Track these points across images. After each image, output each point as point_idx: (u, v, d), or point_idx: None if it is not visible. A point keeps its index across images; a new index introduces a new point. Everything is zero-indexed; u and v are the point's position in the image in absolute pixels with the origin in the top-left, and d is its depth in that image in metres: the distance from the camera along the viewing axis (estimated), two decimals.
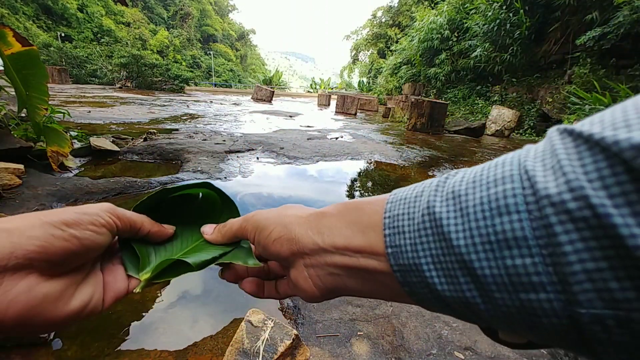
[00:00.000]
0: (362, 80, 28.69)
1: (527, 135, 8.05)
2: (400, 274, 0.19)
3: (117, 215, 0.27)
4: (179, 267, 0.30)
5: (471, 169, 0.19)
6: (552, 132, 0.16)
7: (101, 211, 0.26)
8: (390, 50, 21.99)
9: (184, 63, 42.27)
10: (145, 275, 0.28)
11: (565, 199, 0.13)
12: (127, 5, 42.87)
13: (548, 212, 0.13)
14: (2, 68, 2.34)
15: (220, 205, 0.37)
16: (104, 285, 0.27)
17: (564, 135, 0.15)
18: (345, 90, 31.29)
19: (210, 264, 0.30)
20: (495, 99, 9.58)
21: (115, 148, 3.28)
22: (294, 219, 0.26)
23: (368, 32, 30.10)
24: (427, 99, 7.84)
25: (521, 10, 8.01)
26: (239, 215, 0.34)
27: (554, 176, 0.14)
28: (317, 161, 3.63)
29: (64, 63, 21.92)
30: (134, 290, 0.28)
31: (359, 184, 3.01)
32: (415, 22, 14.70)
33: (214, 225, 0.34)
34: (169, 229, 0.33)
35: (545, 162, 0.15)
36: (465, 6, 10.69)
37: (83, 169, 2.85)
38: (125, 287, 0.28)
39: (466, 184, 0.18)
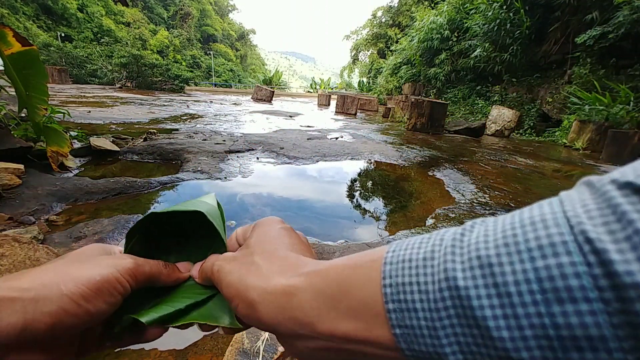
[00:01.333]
0: (362, 80, 28.69)
1: (527, 135, 8.05)
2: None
3: (136, 277, 0.25)
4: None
5: (495, 224, 0.15)
6: (604, 185, 0.13)
7: (121, 274, 0.24)
8: (390, 50, 22.00)
9: (184, 63, 42.28)
10: (146, 319, 0.26)
11: None
12: (127, 5, 42.89)
13: (637, 307, 0.10)
14: (2, 68, 2.34)
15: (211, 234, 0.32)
16: (85, 337, 0.25)
17: (626, 192, 0.12)
18: (345, 90, 31.29)
19: (170, 322, 0.26)
20: (495, 99, 9.58)
21: (115, 148, 3.28)
22: (256, 294, 0.21)
23: (368, 32, 30.10)
24: (427, 99, 7.84)
25: (521, 10, 8.01)
26: (224, 248, 0.30)
27: (634, 254, 0.10)
28: (317, 161, 3.63)
29: (64, 63, 21.93)
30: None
31: (359, 184, 3.01)
32: (415, 22, 14.71)
33: (199, 264, 0.30)
34: (184, 270, 0.30)
35: (610, 227, 0.11)
36: (465, 6, 10.69)
37: (83, 169, 2.85)
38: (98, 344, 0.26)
39: (495, 246, 0.14)
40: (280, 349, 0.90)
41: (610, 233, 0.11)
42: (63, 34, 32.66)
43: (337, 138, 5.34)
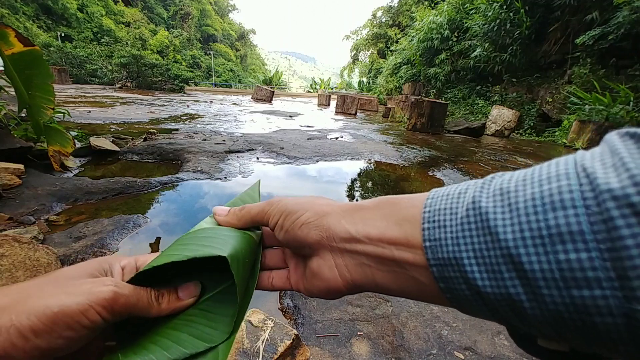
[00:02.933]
0: (362, 80, 28.69)
1: (527, 135, 8.05)
2: (437, 268, 0.19)
3: (113, 309, 0.22)
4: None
5: (519, 171, 0.19)
6: (611, 136, 0.16)
7: (92, 305, 0.20)
8: (390, 50, 22.00)
9: (184, 63, 42.28)
10: None
11: (629, 192, 0.13)
12: (130, 5, 42.89)
13: (609, 205, 0.13)
14: (2, 68, 2.34)
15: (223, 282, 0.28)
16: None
17: (625, 138, 0.15)
18: (345, 90, 31.28)
19: None
20: (495, 99, 9.58)
21: (115, 148, 3.28)
22: (326, 208, 0.26)
23: (368, 32, 30.10)
24: (427, 99, 7.84)
25: (521, 10, 8.01)
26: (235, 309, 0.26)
27: (615, 172, 0.14)
28: (317, 161, 3.63)
29: (64, 63, 21.93)
30: None
31: (359, 184, 3.01)
32: (415, 22, 14.71)
33: (227, 208, 0.31)
34: (187, 296, 0.26)
35: (604, 161, 0.15)
36: (465, 6, 10.69)
37: (83, 169, 2.85)
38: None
39: (515, 182, 0.17)
40: (280, 349, 0.90)
41: (602, 164, 0.15)
42: (63, 34, 32.66)
43: (337, 138, 5.34)
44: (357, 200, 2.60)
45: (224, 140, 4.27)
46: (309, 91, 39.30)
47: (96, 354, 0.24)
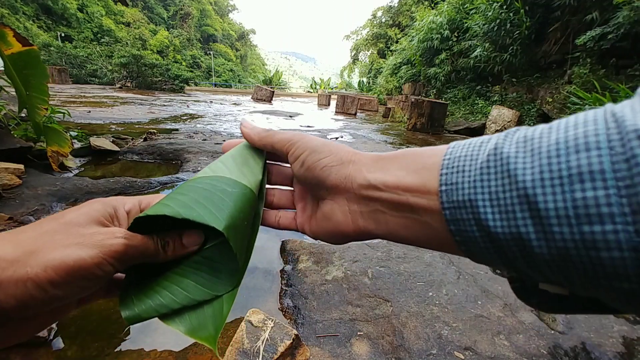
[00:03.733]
0: (362, 80, 28.68)
1: None
2: (449, 211, 0.19)
3: (124, 260, 0.23)
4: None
5: (545, 124, 0.18)
6: None
7: (105, 257, 0.21)
8: (390, 50, 21.99)
9: (184, 63, 42.27)
10: (126, 314, 0.23)
11: None
12: (127, 5, 42.87)
13: (633, 144, 0.13)
14: (2, 68, 2.34)
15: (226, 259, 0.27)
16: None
17: None
18: (345, 90, 31.28)
19: (154, 317, 0.24)
20: (495, 99, 9.57)
21: (115, 148, 3.28)
22: (351, 156, 0.26)
23: (368, 32, 30.09)
24: (427, 99, 7.84)
25: (521, 10, 8.01)
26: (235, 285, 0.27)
27: None
28: None
29: (64, 63, 21.94)
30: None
31: None
32: (415, 22, 14.70)
33: (254, 125, 0.33)
34: (191, 244, 0.26)
35: (635, 107, 0.14)
36: (465, 6, 10.69)
37: (83, 169, 2.85)
38: (107, 293, 0.26)
39: (540, 130, 0.17)
40: (280, 349, 0.90)
41: (632, 110, 0.14)
42: (63, 34, 32.66)
43: (337, 138, 5.34)
44: None
45: (224, 140, 4.27)
46: (309, 91, 39.30)
47: (102, 291, 0.26)
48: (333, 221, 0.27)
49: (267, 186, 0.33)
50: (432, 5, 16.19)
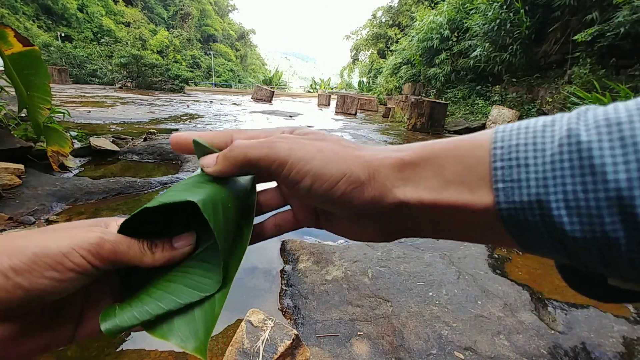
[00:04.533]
0: (362, 80, 28.68)
1: None
2: (507, 212, 0.16)
3: (100, 255, 0.21)
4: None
5: (626, 101, 0.15)
6: None
7: (75, 249, 0.20)
8: (390, 50, 21.99)
9: (184, 63, 42.27)
10: (105, 326, 0.22)
11: None
12: (131, 4, 42.89)
13: None
14: (2, 68, 2.34)
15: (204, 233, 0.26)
16: (82, 318, 0.24)
17: None
18: (345, 90, 31.28)
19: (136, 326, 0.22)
20: (495, 99, 9.57)
21: (115, 148, 3.28)
22: (365, 169, 0.21)
23: (368, 32, 30.09)
24: (427, 99, 7.84)
25: (521, 10, 8.01)
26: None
27: None
28: None
29: (64, 63, 21.94)
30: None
31: None
32: (415, 22, 14.70)
33: (215, 155, 0.25)
34: (182, 245, 0.25)
35: None
36: (465, 6, 10.69)
37: (83, 169, 2.85)
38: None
39: (627, 111, 0.14)
40: (280, 349, 0.90)
41: None
42: (63, 34, 32.67)
43: None
44: None
45: None
46: (309, 91, 39.30)
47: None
48: (352, 232, 0.24)
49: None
50: (432, 5, 16.20)
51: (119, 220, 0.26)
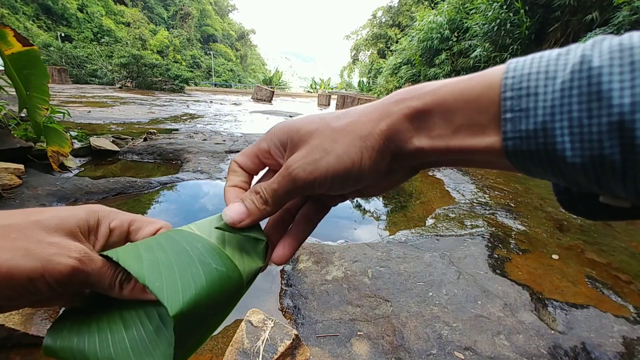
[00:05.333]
0: (362, 80, 28.68)
1: None
2: (513, 142, 0.16)
3: (68, 283, 0.20)
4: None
5: None
6: None
7: (44, 275, 0.19)
8: (390, 51, 21.99)
9: (184, 63, 42.30)
10: (47, 341, 0.21)
11: None
12: (124, 4, 42.88)
13: None
14: (2, 68, 2.34)
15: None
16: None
17: None
18: (345, 90, 31.28)
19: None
20: None
21: (115, 148, 3.28)
22: (368, 125, 0.21)
23: (368, 32, 30.10)
24: None
25: (521, 10, 8.01)
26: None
27: None
28: None
29: (64, 63, 21.94)
30: None
31: None
32: (415, 22, 14.71)
33: (242, 209, 0.24)
34: (151, 295, 0.22)
35: None
36: (465, 6, 10.69)
37: (83, 169, 2.85)
38: None
39: None
40: (280, 349, 0.90)
41: None
42: (63, 34, 32.70)
43: None
44: (356, 200, 2.61)
45: (224, 140, 4.27)
46: (309, 91, 39.30)
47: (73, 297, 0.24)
48: (388, 184, 0.25)
49: None
50: (432, 5, 16.21)
51: (114, 219, 0.26)
